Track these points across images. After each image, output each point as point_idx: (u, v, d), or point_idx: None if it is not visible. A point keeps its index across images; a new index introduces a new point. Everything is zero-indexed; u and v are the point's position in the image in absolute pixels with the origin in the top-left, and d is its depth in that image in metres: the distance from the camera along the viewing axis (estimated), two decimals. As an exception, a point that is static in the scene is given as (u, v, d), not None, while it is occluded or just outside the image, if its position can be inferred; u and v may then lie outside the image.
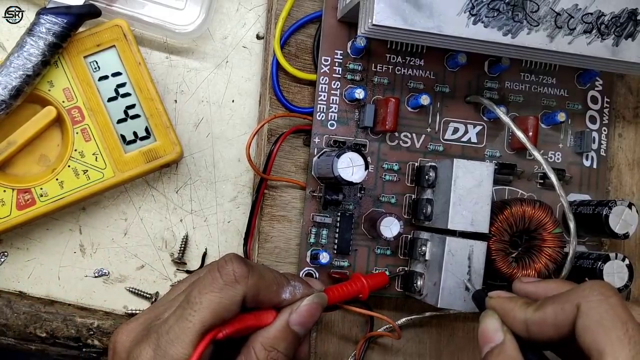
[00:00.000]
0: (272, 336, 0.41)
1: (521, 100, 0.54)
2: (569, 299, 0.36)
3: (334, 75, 0.51)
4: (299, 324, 0.41)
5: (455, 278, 0.46)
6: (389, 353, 0.54)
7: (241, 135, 0.55)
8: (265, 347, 0.40)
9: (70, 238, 0.53)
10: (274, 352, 0.41)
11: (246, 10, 0.55)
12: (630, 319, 0.34)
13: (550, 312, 0.36)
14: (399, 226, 0.48)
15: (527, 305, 0.38)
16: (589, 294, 0.35)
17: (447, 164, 0.47)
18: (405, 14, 0.43)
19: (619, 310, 0.34)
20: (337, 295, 0.46)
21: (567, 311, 0.35)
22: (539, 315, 0.37)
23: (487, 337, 0.39)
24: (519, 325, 0.38)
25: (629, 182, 0.57)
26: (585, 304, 0.35)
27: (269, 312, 0.41)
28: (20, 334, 0.51)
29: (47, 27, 0.47)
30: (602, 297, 0.35)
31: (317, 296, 0.43)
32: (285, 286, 0.42)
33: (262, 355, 0.40)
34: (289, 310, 0.42)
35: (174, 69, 0.54)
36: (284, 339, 0.41)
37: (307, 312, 0.42)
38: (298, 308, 0.41)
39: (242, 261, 0.40)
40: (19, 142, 0.49)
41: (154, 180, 0.54)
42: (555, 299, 0.37)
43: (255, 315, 0.41)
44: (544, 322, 0.36)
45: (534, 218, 0.48)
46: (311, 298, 0.42)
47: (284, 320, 0.41)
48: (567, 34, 0.46)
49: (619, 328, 0.33)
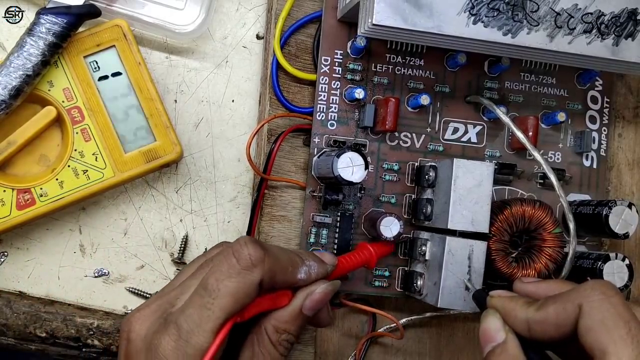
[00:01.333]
0: (284, 320, 0.41)
1: (521, 100, 0.54)
2: (571, 298, 0.36)
3: (334, 75, 0.51)
4: (311, 309, 0.42)
5: (455, 278, 0.46)
6: (389, 353, 0.54)
7: (241, 135, 0.55)
8: (277, 329, 0.41)
9: (70, 238, 0.53)
10: (285, 335, 0.41)
11: (246, 10, 0.55)
12: (632, 318, 0.34)
13: (552, 312, 0.36)
14: (399, 226, 0.48)
15: (529, 305, 0.38)
16: (591, 293, 0.35)
17: (447, 164, 0.47)
18: (405, 13, 0.43)
19: (621, 309, 0.34)
20: (346, 266, 0.46)
21: (569, 311, 0.35)
22: (540, 315, 0.37)
23: (489, 337, 0.39)
24: (521, 325, 0.38)
25: (629, 182, 0.57)
26: (587, 304, 0.35)
27: (284, 293, 0.42)
28: (20, 334, 0.51)
29: (47, 27, 0.47)
30: (603, 296, 0.35)
31: (332, 284, 0.43)
32: (300, 266, 0.42)
33: (275, 338, 0.41)
34: (303, 295, 0.42)
35: (174, 69, 0.54)
36: (295, 323, 0.42)
37: (321, 298, 0.42)
38: (312, 295, 0.42)
39: (257, 244, 0.39)
40: (19, 142, 0.49)
41: (154, 180, 0.54)
42: (557, 298, 0.37)
43: (272, 298, 0.41)
44: (545, 321, 0.36)
45: (534, 218, 0.48)
46: (325, 287, 0.42)
47: (297, 306, 0.41)
48: (567, 33, 0.46)
49: (621, 327, 0.33)
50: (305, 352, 0.52)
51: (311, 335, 0.52)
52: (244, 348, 0.42)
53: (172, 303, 0.40)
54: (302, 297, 0.42)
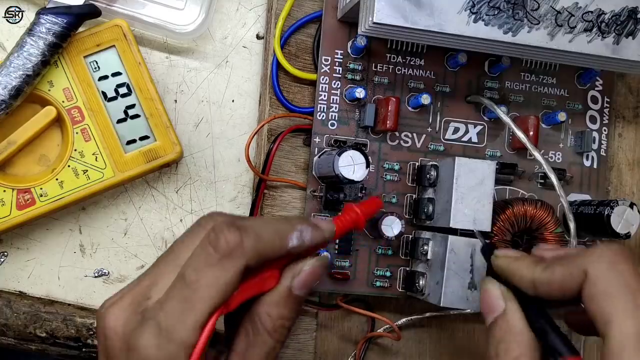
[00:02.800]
0: (275, 304, 0.38)
1: (521, 100, 0.54)
2: (577, 263, 0.34)
3: (334, 75, 0.51)
4: (302, 288, 0.39)
5: (458, 277, 0.45)
6: (389, 353, 0.54)
7: (241, 135, 0.55)
8: (270, 315, 0.38)
9: (70, 238, 0.53)
10: (280, 320, 0.38)
11: (246, 10, 0.55)
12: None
13: (558, 275, 0.35)
14: (400, 225, 0.48)
15: (536, 264, 0.37)
16: (598, 259, 0.34)
17: (449, 163, 0.47)
18: (405, 12, 0.43)
19: (628, 278, 0.33)
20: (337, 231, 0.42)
21: (574, 276, 0.34)
22: (546, 276, 0.36)
23: (489, 306, 0.38)
24: (526, 284, 0.37)
25: (629, 182, 0.57)
26: (592, 271, 0.34)
27: (270, 275, 0.39)
28: (20, 334, 0.51)
29: (47, 27, 0.47)
30: (610, 264, 0.33)
31: (320, 259, 0.40)
32: (290, 233, 0.38)
33: (269, 325, 0.38)
34: (290, 274, 0.39)
35: (174, 69, 0.54)
36: (288, 306, 0.38)
37: (310, 276, 0.39)
38: (299, 274, 0.39)
39: (233, 226, 0.36)
40: (19, 142, 0.49)
41: (154, 180, 0.54)
42: (564, 261, 0.36)
43: (257, 283, 0.38)
44: (551, 284, 0.35)
45: (535, 217, 0.48)
46: (312, 262, 0.39)
47: (286, 287, 0.38)
48: (568, 32, 0.46)
49: (627, 298, 0.32)
50: (305, 352, 0.52)
51: (311, 336, 0.52)
52: (237, 339, 0.39)
53: (145, 295, 0.37)
54: (290, 276, 0.39)
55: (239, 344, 0.38)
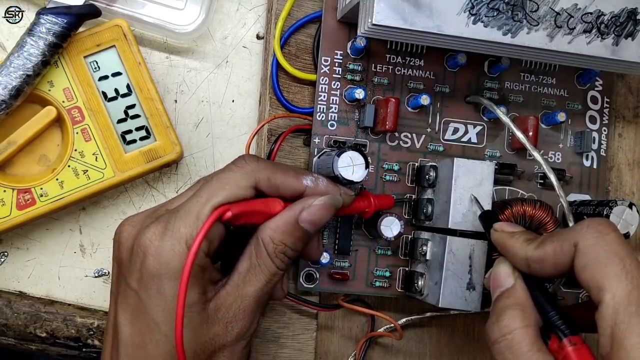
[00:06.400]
0: (280, 229, 0.40)
1: (521, 101, 0.54)
2: (567, 237, 0.36)
3: (334, 76, 0.51)
4: (309, 222, 0.41)
5: (457, 277, 0.46)
6: (389, 353, 0.54)
7: (241, 135, 0.55)
8: (273, 240, 0.40)
9: (70, 238, 0.53)
10: (281, 247, 0.40)
11: (246, 10, 0.55)
12: (628, 254, 0.34)
13: (549, 251, 0.37)
14: (399, 225, 0.48)
15: (528, 243, 0.38)
16: (587, 232, 0.35)
17: (448, 163, 0.47)
18: (405, 13, 0.43)
19: (616, 246, 0.34)
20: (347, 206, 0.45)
21: (565, 250, 0.36)
22: (538, 253, 0.37)
23: (499, 282, 0.39)
24: (520, 262, 0.38)
25: (629, 182, 0.57)
26: (582, 242, 0.35)
27: (276, 200, 0.41)
28: (20, 334, 0.51)
29: (47, 27, 0.47)
30: (599, 234, 0.35)
31: (332, 198, 0.42)
32: (307, 175, 0.42)
33: (271, 248, 0.40)
34: (301, 205, 0.41)
35: (174, 69, 0.54)
36: (292, 234, 0.41)
37: (319, 211, 0.41)
38: (310, 206, 0.41)
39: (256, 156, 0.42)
40: (19, 142, 0.49)
41: (154, 180, 0.54)
42: (554, 237, 0.37)
43: (264, 202, 0.40)
44: (543, 260, 0.37)
45: (534, 218, 0.48)
46: (325, 198, 0.41)
47: (293, 216, 0.41)
48: (567, 33, 0.46)
49: (616, 264, 0.34)
50: (306, 352, 0.52)
51: (311, 336, 0.52)
52: (241, 260, 0.41)
53: (164, 208, 0.40)
54: (299, 207, 0.41)
55: (242, 265, 0.41)
